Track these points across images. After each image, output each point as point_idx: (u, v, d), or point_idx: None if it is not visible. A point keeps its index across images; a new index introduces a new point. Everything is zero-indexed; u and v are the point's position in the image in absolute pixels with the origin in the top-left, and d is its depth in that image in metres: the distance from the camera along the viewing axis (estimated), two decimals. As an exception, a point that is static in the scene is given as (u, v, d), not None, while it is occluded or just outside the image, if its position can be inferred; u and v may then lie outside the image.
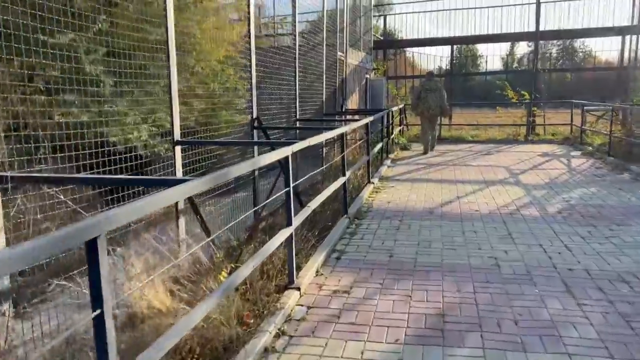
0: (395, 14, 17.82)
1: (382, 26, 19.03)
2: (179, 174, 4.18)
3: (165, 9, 3.99)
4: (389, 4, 24.59)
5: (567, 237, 4.91)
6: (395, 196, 6.96)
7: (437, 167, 9.44)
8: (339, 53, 10.42)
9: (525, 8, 15.70)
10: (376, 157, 9.58)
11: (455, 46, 18.25)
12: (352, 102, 12.31)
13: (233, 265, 3.53)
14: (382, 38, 17.92)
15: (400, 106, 14.74)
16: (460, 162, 10.16)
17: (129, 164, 3.80)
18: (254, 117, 5.83)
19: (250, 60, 5.69)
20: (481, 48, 35.94)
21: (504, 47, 43.51)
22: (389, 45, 17.99)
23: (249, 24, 5.64)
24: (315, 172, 6.34)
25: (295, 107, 7.54)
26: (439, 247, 4.68)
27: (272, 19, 8.64)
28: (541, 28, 15.05)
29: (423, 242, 4.82)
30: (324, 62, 9.14)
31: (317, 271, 4.03)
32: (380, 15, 18.73)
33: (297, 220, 3.65)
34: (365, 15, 14.35)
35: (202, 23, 6.05)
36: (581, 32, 14.65)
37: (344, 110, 10.83)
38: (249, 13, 5.58)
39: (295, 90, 7.50)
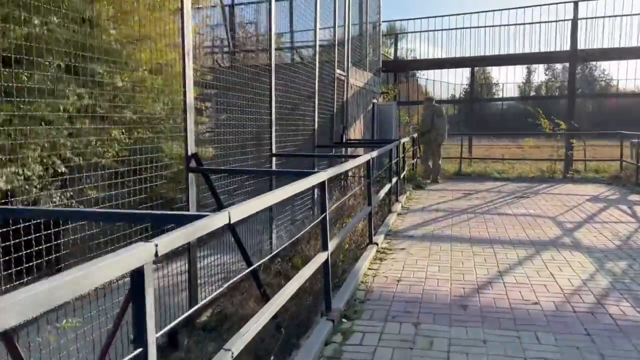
0: (408, 32, 15.89)
1: (392, 49, 17.15)
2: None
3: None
4: (401, 21, 22.89)
5: None
6: (408, 269, 4.80)
7: (463, 217, 7.26)
8: (338, 71, 8.42)
9: (554, 26, 13.73)
10: (383, 203, 7.47)
11: (472, 71, 16.36)
12: (356, 131, 10.27)
13: None
14: (392, 58, 16.00)
15: (414, 135, 12.68)
16: (491, 208, 7.97)
17: None
18: (190, 153, 3.79)
19: (184, 66, 3.70)
20: (496, 76, 34.15)
21: (519, 75, 41.70)
22: (401, 67, 15.99)
23: (182, 15, 3.66)
24: (288, 242, 4.25)
25: (271, 137, 5.50)
26: (490, 405, 2.51)
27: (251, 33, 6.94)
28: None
29: (459, 390, 2.65)
30: (317, 82, 7.14)
31: None
32: (390, 35, 16.89)
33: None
34: (374, 30, 12.46)
35: (121, 13, 4.11)
36: (633, 51, 12.56)
37: (344, 141, 8.76)
38: (180, -5, 3.60)
39: (271, 115, 5.48)
